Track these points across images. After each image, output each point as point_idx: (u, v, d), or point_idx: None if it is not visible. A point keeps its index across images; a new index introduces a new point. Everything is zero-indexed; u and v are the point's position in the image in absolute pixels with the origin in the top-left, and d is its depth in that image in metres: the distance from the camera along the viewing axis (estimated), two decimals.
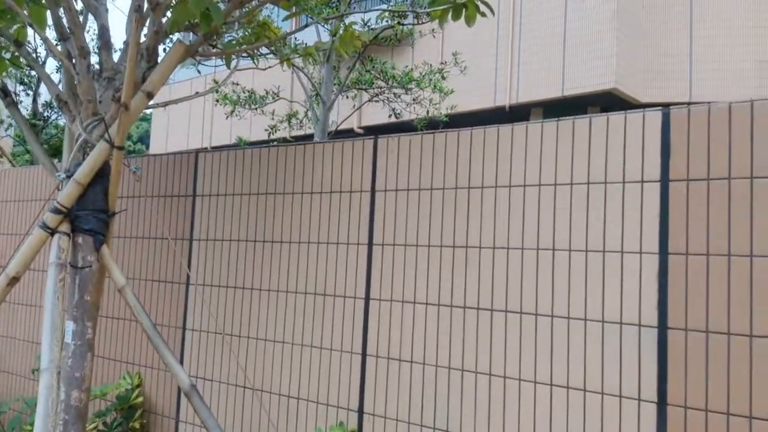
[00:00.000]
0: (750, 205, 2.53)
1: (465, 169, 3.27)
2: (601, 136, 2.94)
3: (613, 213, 2.85)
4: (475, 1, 3.67)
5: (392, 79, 6.56)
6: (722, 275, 2.56)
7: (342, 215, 3.67)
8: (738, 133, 2.59)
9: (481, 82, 13.47)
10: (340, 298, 3.63)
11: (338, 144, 3.71)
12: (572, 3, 12.45)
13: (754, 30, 12.07)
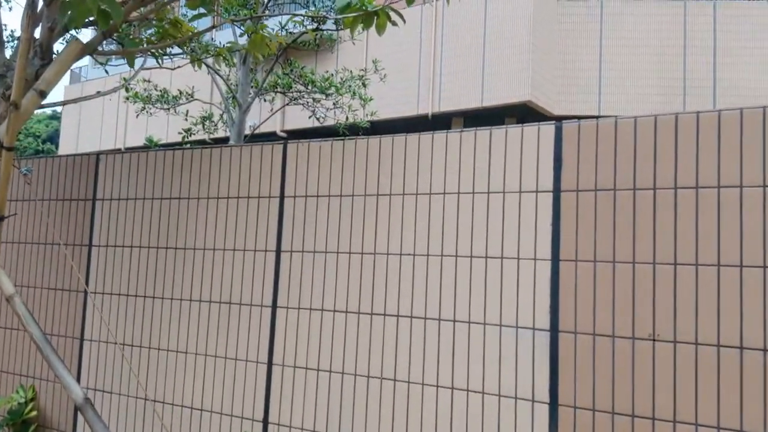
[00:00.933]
0: (633, 215, 2.70)
1: (374, 176, 3.30)
2: (501, 148, 3.05)
3: (511, 221, 2.96)
4: (386, 10, 3.72)
5: (311, 84, 6.54)
6: (607, 280, 2.71)
7: (250, 221, 3.61)
8: (623, 147, 2.76)
9: (406, 90, 13.68)
10: (247, 306, 3.57)
11: (246, 149, 3.65)
12: (491, 19, 12.87)
13: (659, 49, 12.91)
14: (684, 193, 2.60)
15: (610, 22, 13.15)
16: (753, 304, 2.42)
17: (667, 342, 2.57)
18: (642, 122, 2.74)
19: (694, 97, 12.65)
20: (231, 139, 6.33)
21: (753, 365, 2.40)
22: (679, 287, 2.56)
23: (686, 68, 12.74)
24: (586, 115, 13.10)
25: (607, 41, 13.12)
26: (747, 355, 2.42)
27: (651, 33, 12.98)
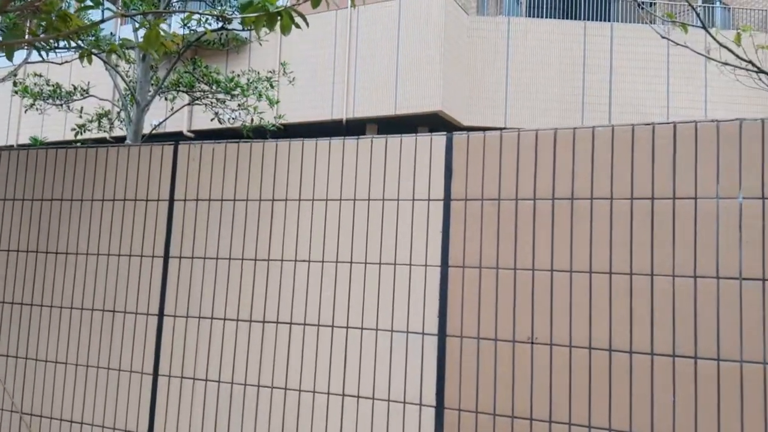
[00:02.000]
0: (515, 223, 2.81)
1: (269, 180, 3.25)
2: (396, 157, 3.09)
3: (404, 228, 3.01)
4: (289, 11, 3.68)
5: (216, 84, 6.37)
6: (491, 286, 2.81)
7: (137, 225, 3.45)
8: (507, 159, 2.88)
9: (320, 95, 13.64)
10: (132, 314, 3.40)
11: (135, 149, 3.49)
12: (404, 29, 13.09)
13: (561, 66, 13.62)
14: (561, 203, 2.74)
15: (517, 38, 13.74)
16: (621, 308, 2.59)
17: (544, 345, 2.69)
18: (524, 136, 2.86)
19: (591, 113, 13.44)
20: (128, 139, 6.04)
21: (621, 366, 2.57)
22: (556, 292, 2.69)
23: (585, 85, 13.52)
24: (493, 126, 13.61)
25: (513, 57, 13.70)
26: (615, 356, 2.58)
27: (554, 50, 13.68)
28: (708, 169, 2.52)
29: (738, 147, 2.49)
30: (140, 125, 5.95)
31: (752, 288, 2.40)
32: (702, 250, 2.49)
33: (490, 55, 13.71)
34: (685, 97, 12.80)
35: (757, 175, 2.45)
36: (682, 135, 2.59)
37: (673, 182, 2.57)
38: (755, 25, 13.69)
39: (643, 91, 13.06)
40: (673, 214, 2.55)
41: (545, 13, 14.53)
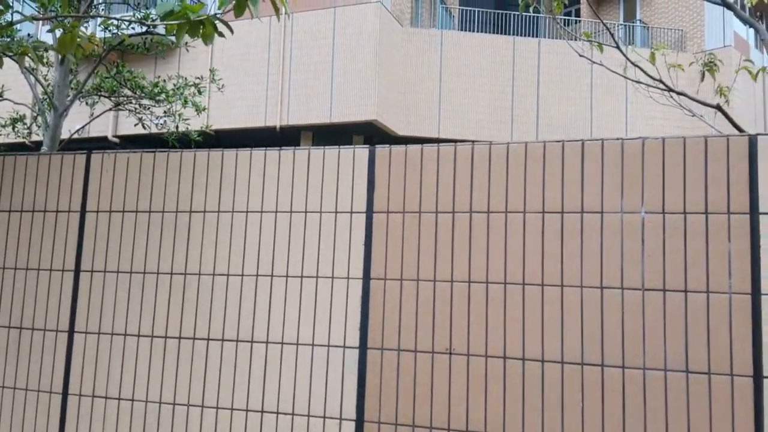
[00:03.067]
0: (434, 236, 2.86)
1: (187, 191, 3.17)
2: (318, 169, 3.08)
3: (327, 241, 2.99)
4: (212, 20, 3.60)
5: (140, 90, 6.15)
6: (412, 298, 2.84)
7: (46, 238, 3.28)
8: (427, 173, 2.92)
9: (254, 101, 13.44)
10: (40, 331, 3.23)
11: (45, 158, 3.32)
12: (339, 37, 13.11)
13: (492, 80, 13.99)
14: (477, 216, 2.81)
15: (449, 51, 14.02)
16: (533, 318, 2.67)
17: (462, 355, 2.74)
18: (443, 151, 2.92)
19: (521, 125, 13.86)
20: (44, 145, 5.74)
21: (533, 375, 2.64)
22: (473, 304, 2.75)
23: (514, 98, 13.94)
24: (427, 137, 13.80)
25: (446, 69, 13.96)
26: (528, 365, 2.66)
27: (485, 64, 14.05)
28: (613, 184, 2.65)
29: (641, 164, 2.63)
30: (58, 131, 5.67)
31: (654, 298, 2.53)
32: (608, 262, 2.60)
33: (424, 67, 13.93)
34: (608, 110, 13.42)
35: (658, 191, 2.59)
36: (589, 152, 2.70)
37: (581, 197, 2.68)
38: (672, 43, 14.54)
39: (568, 105, 13.59)
40: (581, 228, 2.66)
41: (477, 27, 14.90)
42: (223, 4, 3.53)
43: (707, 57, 5.74)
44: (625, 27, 14.93)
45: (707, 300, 2.47)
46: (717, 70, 5.67)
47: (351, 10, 13.18)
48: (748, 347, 2.40)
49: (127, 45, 5.63)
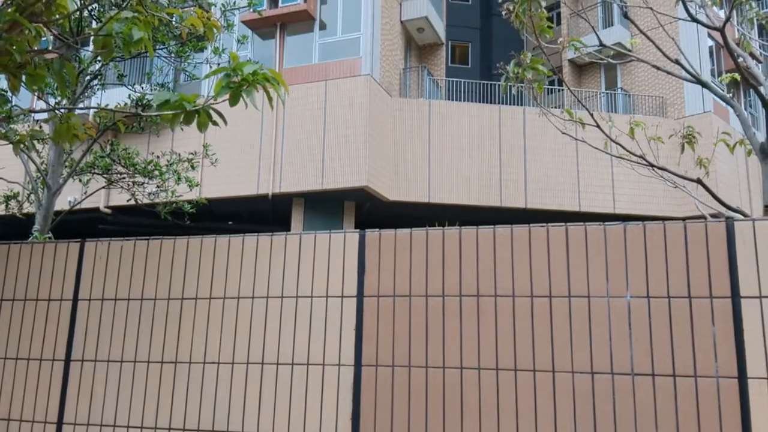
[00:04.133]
0: (425, 321, 2.88)
1: (179, 278, 3.20)
2: (310, 253, 3.13)
3: (318, 325, 3.01)
4: (206, 109, 3.72)
5: (133, 167, 6.27)
6: (404, 385, 2.83)
7: (37, 326, 3.27)
8: (417, 257, 2.98)
9: (246, 169, 13.64)
10: (28, 423, 3.17)
11: (39, 247, 3.36)
12: (330, 108, 13.47)
13: (479, 146, 14.32)
14: (467, 300, 2.84)
15: (437, 119, 14.40)
16: (526, 405, 2.66)
17: None
18: (432, 235, 2.99)
19: (509, 189, 14.09)
20: (36, 223, 5.79)
21: None
22: (465, 392, 2.75)
23: (502, 163, 14.24)
24: (418, 201, 13.97)
25: (435, 136, 14.31)
26: None
27: (472, 131, 14.41)
28: (598, 268, 2.71)
29: (624, 249, 2.70)
30: (50, 210, 5.72)
31: (643, 383, 2.55)
32: (597, 348, 2.63)
33: (413, 134, 14.27)
34: (595, 174, 13.70)
35: (641, 276, 2.65)
36: (573, 236, 2.78)
37: (568, 281, 2.73)
38: (653, 110, 15.03)
39: (555, 170, 13.88)
40: (569, 312, 2.70)
41: (463, 97, 15.37)
42: (219, 94, 3.66)
43: (686, 129, 5.93)
44: (606, 95, 15.45)
45: (695, 384, 2.49)
46: (696, 142, 5.86)
47: (342, 83, 13.60)
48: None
49: (122, 123, 5.76)
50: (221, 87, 3.49)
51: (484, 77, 17.28)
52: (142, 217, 9.56)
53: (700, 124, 13.35)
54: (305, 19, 14.21)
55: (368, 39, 13.75)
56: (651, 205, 13.25)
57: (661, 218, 14.18)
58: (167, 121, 3.89)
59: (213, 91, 3.54)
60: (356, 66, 13.71)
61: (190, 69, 6.96)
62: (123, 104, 5.97)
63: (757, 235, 2.54)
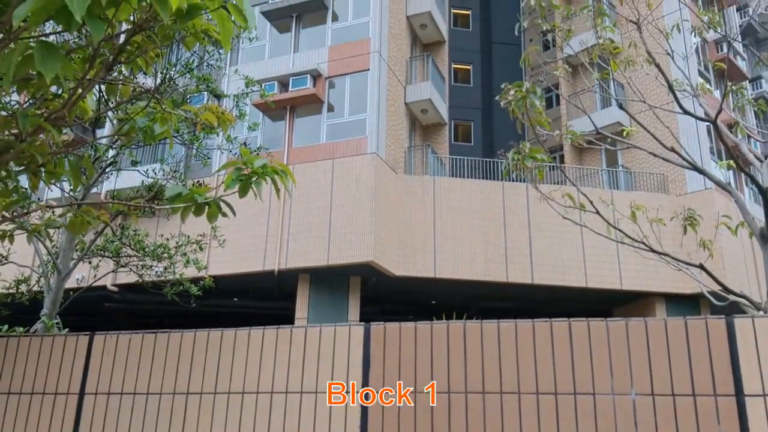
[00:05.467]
0: (430, 416, 2.86)
1: (185, 372, 3.21)
2: (315, 346, 3.15)
3: (322, 424, 2.99)
4: (217, 201, 3.84)
5: (142, 250, 6.39)
6: None
7: (42, 422, 3.26)
8: (421, 350, 3.00)
9: (252, 246, 13.77)
10: None
11: (48, 339, 3.40)
12: (337, 186, 13.76)
13: (484, 221, 14.46)
14: (473, 397, 2.84)
15: (442, 195, 14.64)
16: None
17: None
18: (437, 328, 3.02)
19: (515, 264, 14.10)
20: (44, 307, 5.84)
21: None
22: None
23: (507, 239, 14.32)
24: (423, 276, 13.97)
25: (439, 211, 14.49)
26: None
27: (476, 206, 14.61)
28: (602, 365, 2.72)
29: (626, 345, 2.72)
30: (59, 294, 5.79)
31: None
32: None
33: (418, 210, 14.47)
34: (600, 251, 13.72)
35: (645, 373, 2.66)
36: (577, 331, 2.81)
37: (573, 378, 2.74)
38: (654, 187, 15.23)
39: (560, 246, 13.93)
40: (575, 410, 2.69)
41: (467, 173, 15.69)
42: (228, 187, 3.80)
43: (687, 212, 6.02)
44: (608, 172, 15.73)
45: None
46: (697, 224, 5.94)
47: (349, 161, 13.96)
48: None
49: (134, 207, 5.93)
50: (232, 180, 3.64)
51: (486, 154, 17.68)
52: (148, 296, 9.64)
53: (701, 201, 13.49)
54: (314, 102, 14.75)
55: (374, 120, 14.21)
56: (658, 281, 13.19)
57: (669, 295, 14.08)
58: (177, 213, 4.01)
59: (224, 183, 3.68)
60: (362, 145, 14.11)
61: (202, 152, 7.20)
62: (135, 190, 6.15)
63: (757, 333, 2.56)
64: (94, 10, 2.48)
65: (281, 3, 15.60)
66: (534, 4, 4.81)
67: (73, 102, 3.15)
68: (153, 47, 3.41)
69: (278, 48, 15.88)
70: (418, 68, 16.84)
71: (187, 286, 6.70)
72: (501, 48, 19.58)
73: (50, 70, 2.51)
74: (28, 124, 2.99)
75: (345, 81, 15.00)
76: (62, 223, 4.11)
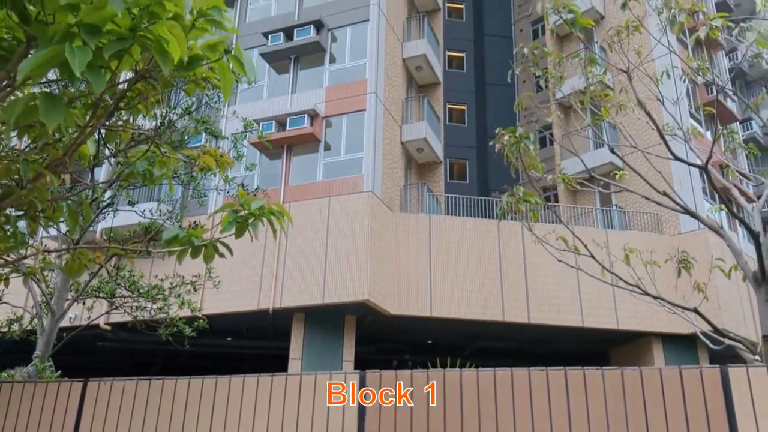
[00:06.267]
0: None
1: (179, 419, 3.18)
2: (310, 393, 3.14)
3: None
4: (213, 243, 3.85)
5: (137, 292, 6.36)
6: None
7: None
8: (418, 398, 2.98)
9: (247, 285, 13.69)
10: None
11: (41, 386, 3.37)
12: (333, 224, 13.79)
13: (479, 259, 14.46)
14: None
15: (438, 233, 14.67)
16: None
17: None
18: (433, 375, 3.01)
19: (511, 303, 14.05)
20: (37, 348, 5.78)
21: None
22: None
23: (503, 277, 14.30)
24: (418, 315, 13.88)
25: (435, 250, 14.49)
26: None
27: (472, 245, 14.62)
28: (599, 418, 2.71)
29: (623, 397, 2.72)
30: (52, 336, 5.74)
31: None
32: None
33: (414, 248, 14.46)
34: (595, 291, 13.69)
35: (641, 422, 2.65)
36: (573, 381, 2.80)
37: (570, 428, 2.72)
38: (648, 226, 15.30)
39: (556, 285, 13.90)
40: None
41: (462, 212, 15.75)
42: (225, 229, 3.83)
43: (681, 254, 6.07)
44: (602, 211, 15.82)
45: None
46: (692, 267, 5.97)
47: (345, 199, 14.02)
48: None
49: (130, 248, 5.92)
50: (228, 222, 3.67)
51: (481, 192, 17.80)
52: (142, 335, 9.54)
53: (695, 241, 13.54)
54: (311, 141, 14.89)
55: (370, 158, 14.34)
56: (654, 321, 13.15)
57: (666, 335, 14.00)
58: (175, 253, 4.03)
59: (220, 225, 3.71)
60: (359, 183, 14.20)
61: (199, 192, 7.24)
62: (132, 231, 6.16)
63: (752, 382, 2.56)
64: (96, 62, 2.54)
65: (280, 45, 15.90)
66: (527, 52, 4.94)
67: (73, 149, 3.20)
68: (154, 94, 3.48)
69: (276, 88, 16.13)
70: (414, 108, 17.10)
71: (181, 327, 6.66)
72: (494, 89, 19.93)
73: (53, 120, 2.56)
74: (30, 171, 3.02)
75: (342, 120, 15.19)
76: (58, 266, 4.12)
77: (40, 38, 2.54)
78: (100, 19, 2.45)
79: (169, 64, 2.64)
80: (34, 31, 2.56)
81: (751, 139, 20.55)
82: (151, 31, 2.56)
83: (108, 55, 2.55)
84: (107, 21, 2.50)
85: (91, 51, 2.39)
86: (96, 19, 2.44)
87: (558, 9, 4.41)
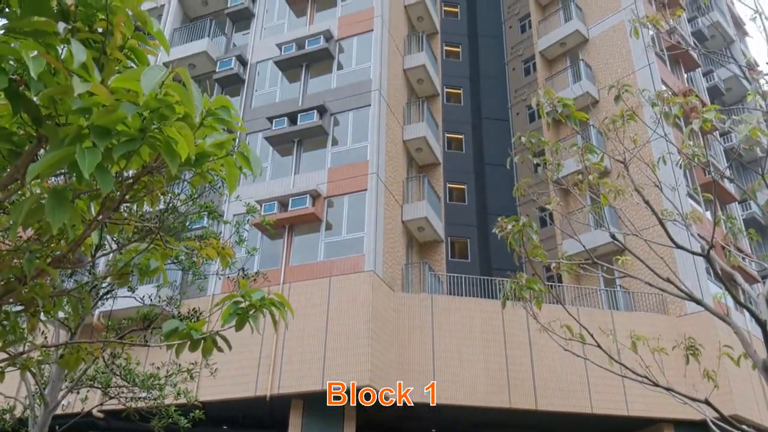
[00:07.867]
0: None
1: None
2: None
3: None
4: (213, 337, 3.78)
5: (132, 381, 6.18)
6: None
7: None
8: None
9: (244, 370, 13.32)
10: None
11: None
12: (334, 305, 13.62)
13: (484, 342, 14.15)
14: None
15: (440, 314, 14.43)
16: None
17: None
18: None
19: (517, 388, 13.62)
20: None
21: None
22: None
23: (508, 361, 13.95)
24: (422, 402, 13.40)
25: (438, 331, 14.20)
26: None
27: (476, 326, 14.35)
28: None
29: None
30: (45, 428, 5.53)
31: None
32: None
33: (417, 330, 14.16)
34: (604, 374, 13.27)
35: None
36: None
37: None
38: (653, 307, 15.09)
39: (563, 369, 13.53)
40: None
41: (465, 292, 15.57)
42: (226, 322, 3.77)
43: (688, 341, 5.95)
44: (606, 292, 15.67)
45: None
46: (699, 354, 5.84)
47: (346, 279, 13.92)
48: None
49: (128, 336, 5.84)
50: (229, 314, 3.62)
51: (483, 270, 17.70)
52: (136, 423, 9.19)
53: (702, 322, 13.31)
54: (313, 221, 14.98)
55: (371, 238, 14.35)
56: (665, 406, 12.72)
57: (677, 421, 13.47)
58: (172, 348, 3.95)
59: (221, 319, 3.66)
60: (360, 263, 14.13)
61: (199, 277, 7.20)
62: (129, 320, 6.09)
63: None
64: (104, 162, 2.57)
65: (284, 129, 16.34)
66: (525, 141, 5.05)
67: (78, 244, 3.20)
68: (160, 187, 3.53)
69: (279, 170, 16.43)
70: (415, 188, 17.33)
71: (176, 418, 6.43)
72: (493, 168, 20.29)
73: (58, 220, 2.57)
74: (32, 267, 3.01)
75: (343, 201, 15.36)
76: (55, 360, 4.04)
77: (51, 139, 2.60)
78: (111, 121, 2.51)
79: (176, 163, 2.69)
80: (46, 132, 2.62)
81: (751, 219, 20.65)
82: (161, 132, 2.61)
83: (117, 156, 2.60)
84: (118, 123, 2.55)
85: (101, 152, 2.44)
86: (107, 121, 2.50)
87: (552, 103, 4.55)
